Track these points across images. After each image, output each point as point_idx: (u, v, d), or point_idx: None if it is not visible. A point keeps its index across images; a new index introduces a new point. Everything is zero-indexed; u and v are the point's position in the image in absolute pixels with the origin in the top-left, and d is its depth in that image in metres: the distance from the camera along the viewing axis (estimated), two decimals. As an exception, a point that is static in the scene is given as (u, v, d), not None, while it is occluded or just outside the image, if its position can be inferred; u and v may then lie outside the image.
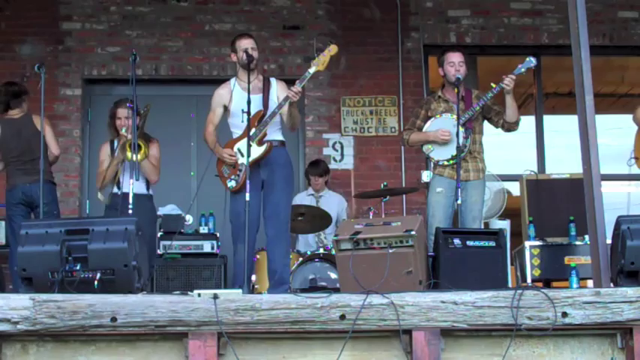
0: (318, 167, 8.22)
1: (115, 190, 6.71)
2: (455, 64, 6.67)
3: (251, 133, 6.13)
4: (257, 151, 6.17)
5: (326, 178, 8.24)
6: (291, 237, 7.25)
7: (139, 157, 6.43)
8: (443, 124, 6.62)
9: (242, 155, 6.24)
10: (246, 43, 6.36)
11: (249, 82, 6.17)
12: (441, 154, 6.63)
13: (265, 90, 6.38)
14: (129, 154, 6.44)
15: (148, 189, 6.81)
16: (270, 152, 6.25)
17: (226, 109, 6.44)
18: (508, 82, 6.47)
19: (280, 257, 6.28)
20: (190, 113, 8.85)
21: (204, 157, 6.95)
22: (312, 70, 6.28)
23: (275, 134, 6.37)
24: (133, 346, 4.45)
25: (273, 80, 6.51)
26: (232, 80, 6.47)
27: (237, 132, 6.38)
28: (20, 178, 6.95)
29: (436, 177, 6.66)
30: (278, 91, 6.42)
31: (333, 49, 6.30)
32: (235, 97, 6.35)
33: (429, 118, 6.73)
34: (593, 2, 8.84)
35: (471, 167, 6.63)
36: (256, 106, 6.24)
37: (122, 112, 6.70)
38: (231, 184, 6.31)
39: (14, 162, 7.03)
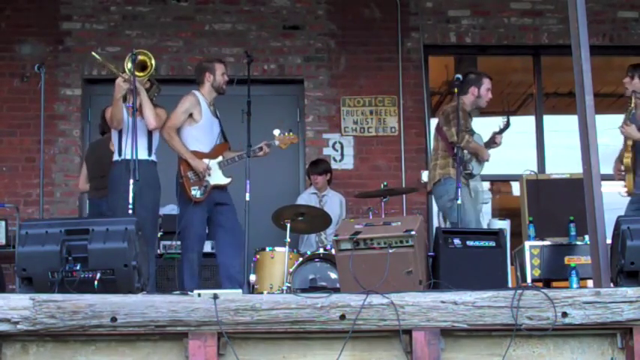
0: (318, 166, 8.26)
1: (116, 157, 6.57)
2: (490, 90, 7.09)
3: (218, 160, 6.76)
4: (224, 179, 6.80)
5: (327, 177, 8.25)
6: (292, 237, 7.28)
7: (141, 74, 6.41)
8: (481, 142, 7.08)
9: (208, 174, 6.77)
10: (223, 68, 6.83)
11: (249, 81, 6.51)
12: (477, 168, 7.04)
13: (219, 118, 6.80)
14: (129, 64, 6.34)
15: (150, 154, 6.60)
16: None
17: (190, 116, 6.75)
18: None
19: (239, 265, 6.70)
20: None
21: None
22: (276, 142, 7.05)
23: None
24: (133, 346, 4.46)
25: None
26: (198, 96, 6.82)
27: (199, 146, 6.76)
28: (91, 192, 7.39)
29: (464, 187, 6.76)
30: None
31: (295, 139, 7.14)
32: (205, 114, 6.74)
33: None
34: (593, 2, 8.84)
35: None
36: (216, 130, 6.84)
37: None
38: (195, 193, 6.69)
39: (90, 178, 7.43)
